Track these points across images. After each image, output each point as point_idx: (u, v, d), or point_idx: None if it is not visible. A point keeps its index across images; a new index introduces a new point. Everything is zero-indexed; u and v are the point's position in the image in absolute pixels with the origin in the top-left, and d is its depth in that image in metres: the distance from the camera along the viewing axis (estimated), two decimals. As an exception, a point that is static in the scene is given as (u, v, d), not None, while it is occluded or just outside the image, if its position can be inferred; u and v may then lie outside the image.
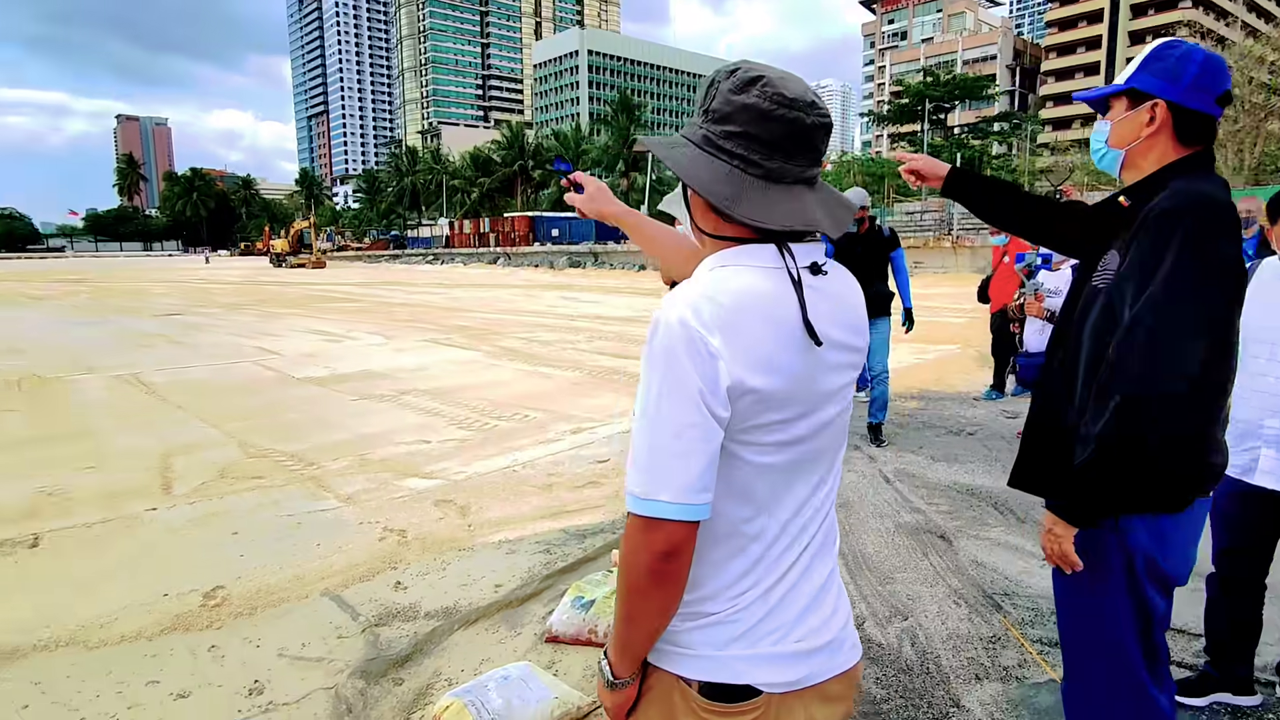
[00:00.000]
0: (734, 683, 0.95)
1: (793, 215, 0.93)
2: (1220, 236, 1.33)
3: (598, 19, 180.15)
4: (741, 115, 0.94)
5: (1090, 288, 1.48)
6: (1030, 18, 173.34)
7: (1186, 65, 1.44)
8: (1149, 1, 75.21)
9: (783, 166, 0.95)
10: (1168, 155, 1.47)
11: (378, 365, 8.94)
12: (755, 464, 0.93)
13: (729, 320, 0.88)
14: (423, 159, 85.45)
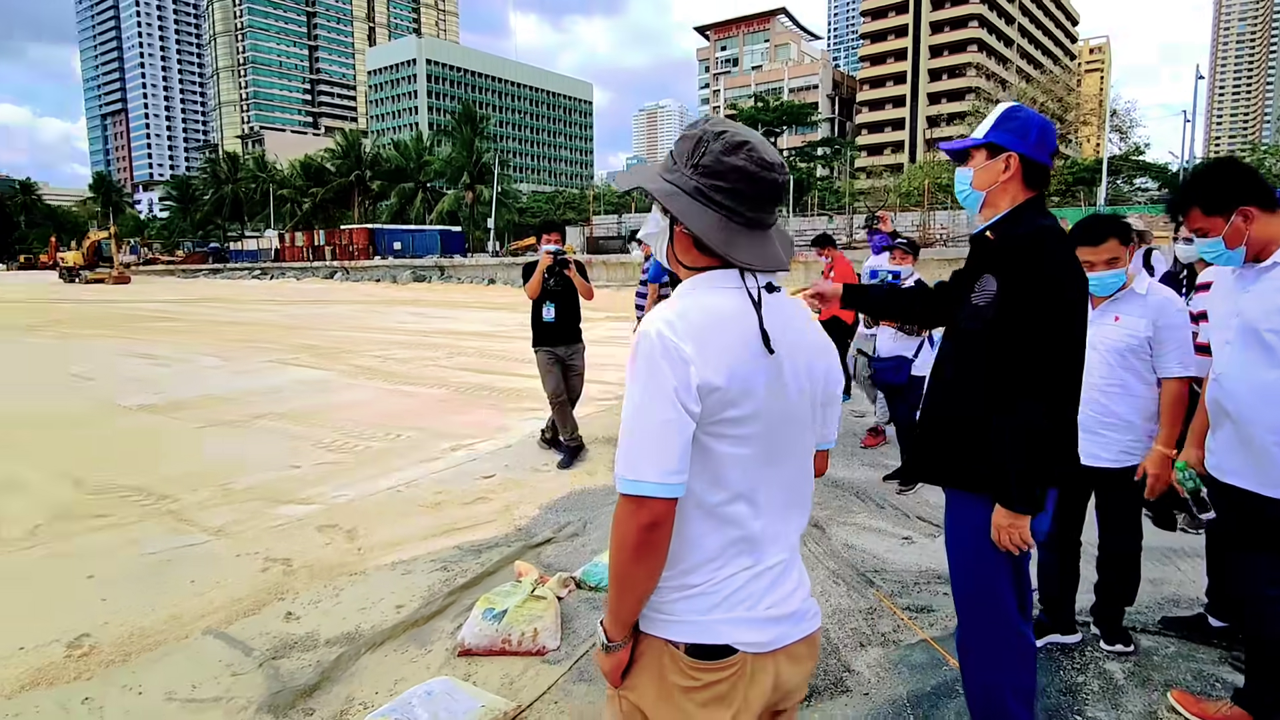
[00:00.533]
0: (715, 643, 1.14)
1: (769, 257, 1.17)
2: (1070, 256, 1.77)
3: (435, 28, 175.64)
4: (732, 175, 1.14)
5: (972, 305, 1.83)
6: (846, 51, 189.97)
7: (1030, 126, 1.83)
8: (945, 44, 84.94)
9: (759, 216, 1.18)
10: (1018, 197, 1.84)
11: (220, 389, 8.28)
12: (725, 454, 1.12)
13: (699, 332, 1.08)
14: (245, 166, 78.91)
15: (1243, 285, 2.13)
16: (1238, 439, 2.11)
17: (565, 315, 5.28)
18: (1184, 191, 2.14)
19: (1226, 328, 2.16)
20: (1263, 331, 2.02)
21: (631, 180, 1.22)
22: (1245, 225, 2.01)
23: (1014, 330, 1.72)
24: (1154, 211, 27.55)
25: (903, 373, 4.63)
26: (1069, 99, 43.28)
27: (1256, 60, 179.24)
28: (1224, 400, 2.14)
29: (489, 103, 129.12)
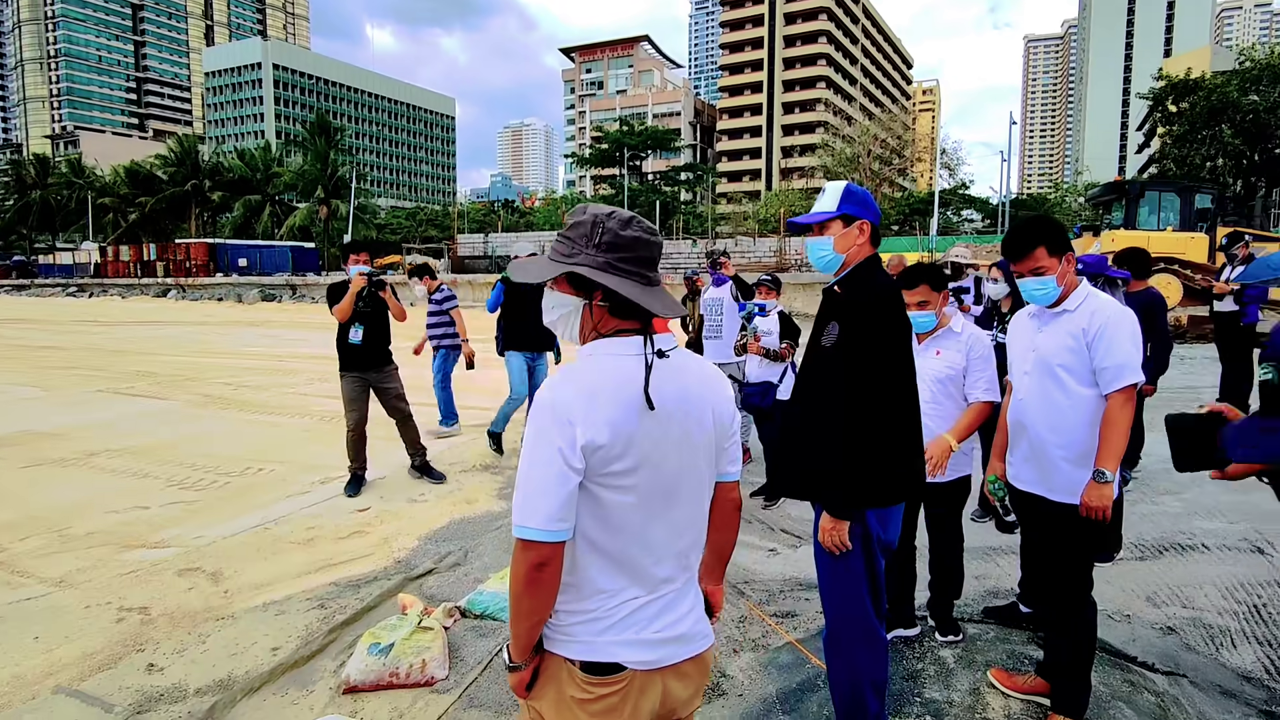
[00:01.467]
0: (606, 660, 1.33)
1: (670, 306, 1.38)
2: (901, 312, 2.16)
3: (283, 31, 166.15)
4: (632, 245, 1.35)
5: (821, 347, 2.16)
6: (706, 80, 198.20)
7: (868, 198, 2.25)
8: (796, 80, 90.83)
9: (652, 275, 1.39)
10: (863, 254, 2.21)
11: (42, 424, 7.47)
12: (612, 501, 1.30)
13: (588, 397, 1.26)
14: (57, 170, 70.60)
15: (1038, 325, 2.54)
16: (1031, 453, 2.53)
17: (374, 338, 5.21)
18: (1029, 233, 2.43)
19: (1025, 360, 2.56)
20: (1054, 366, 2.43)
21: (542, 272, 1.36)
22: (1069, 270, 2.43)
23: (853, 369, 2.06)
24: (980, 241, 30.84)
25: (769, 397, 5.00)
26: (906, 136, 47.61)
27: (1058, 109, 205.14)
28: (1023, 420, 2.56)
29: (344, 113, 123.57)
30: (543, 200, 78.97)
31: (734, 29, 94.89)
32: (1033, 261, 2.41)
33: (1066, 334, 2.42)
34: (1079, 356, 2.39)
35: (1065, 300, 2.45)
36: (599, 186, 74.55)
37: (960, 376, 2.90)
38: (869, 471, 2.07)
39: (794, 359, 5.19)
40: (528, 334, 6.07)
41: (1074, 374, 2.40)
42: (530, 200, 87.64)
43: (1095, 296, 2.45)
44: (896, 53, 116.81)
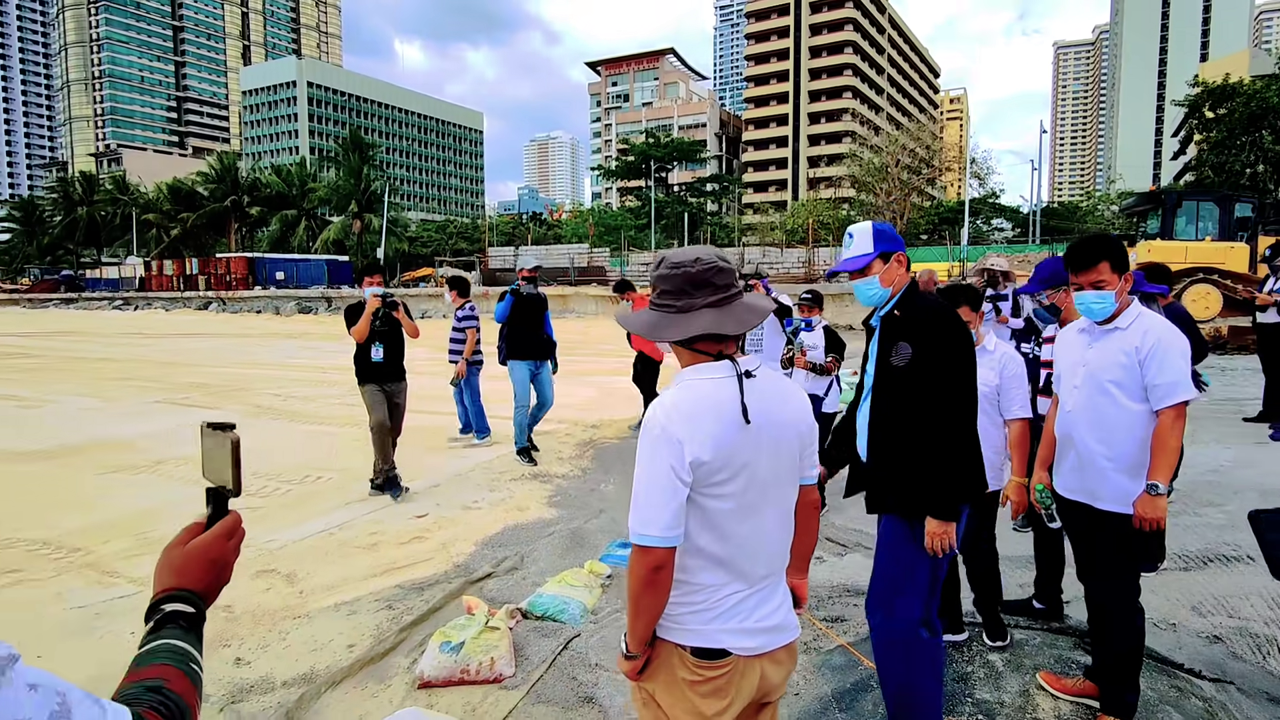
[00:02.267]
0: (713, 646, 1.51)
1: (690, 329, 1.50)
2: (961, 324, 2.35)
3: (317, 50, 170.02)
4: (659, 283, 1.57)
5: (894, 367, 2.35)
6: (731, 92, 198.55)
7: (893, 230, 2.47)
8: (823, 90, 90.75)
9: (689, 302, 1.53)
10: (905, 280, 2.43)
11: (107, 433, 7.83)
12: (715, 508, 1.49)
13: (690, 418, 1.44)
14: (103, 188, 72.95)
15: (1088, 340, 2.66)
16: (1079, 463, 2.65)
17: (392, 355, 5.55)
18: (1096, 247, 2.54)
19: (1074, 374, 2.68)
20: (1105, 381, 2.55)
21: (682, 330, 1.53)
22: (1125, 286, 2.53)
23: (931, 383, 2.26)
24: (1011, 250, 30.56)
25: (815, 409, 5.13)
26: (934, 145, 47.40)
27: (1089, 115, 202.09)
28: (1071, 432, 2.67)
29: (376, 128, 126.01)
30: (569, 213, 79.66)
31: (759, 40, 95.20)
32: (1096, 274, 2.51)
33: (1119, 351, 2.53)
34: (1130, 373, 2.50)
35: (1118, 318, 2.56)
36: (625, 199, 75.12)
37: (993, 394, 3.01)
38: (966, 473, 2.30)
39: (838, 375, 5.31)
40: (530, 344, 6.48)
41: (1125, 389, 2.51)
42: (558, 213, 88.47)
43: (1147, 316, 2.55)
44: (923, 61, 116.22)
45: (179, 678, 0.80)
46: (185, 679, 0.80)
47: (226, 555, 0.97)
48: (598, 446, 7.24)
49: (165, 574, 0.92)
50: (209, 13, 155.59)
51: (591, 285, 32.04)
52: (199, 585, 0.92)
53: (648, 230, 51.60)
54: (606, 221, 56.11)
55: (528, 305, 6.41)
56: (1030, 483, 2.96)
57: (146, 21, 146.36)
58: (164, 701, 0.76)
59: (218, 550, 0.96)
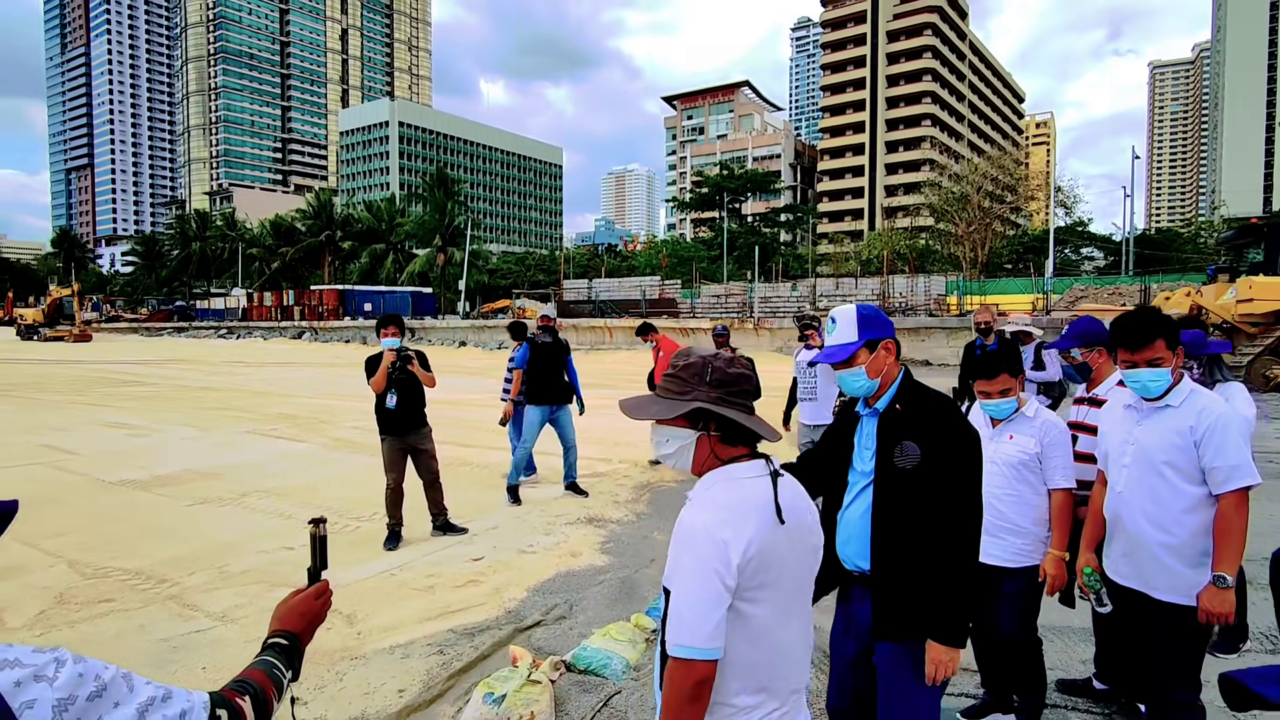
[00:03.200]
0: None
1: (768, 433, 1.56)
2: (965, 418, 2.18)
3: (409, 91, 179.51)
4: (737, 380, 1.56)
5: (899, 470, 2.10)
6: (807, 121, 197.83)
7: (881, 315, 2.27)
8: (900, 118, 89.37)
9: (750, 404, 1.59)
10: (895, 371, 2.22)
11: (202, 464, 8.40)
12: (752, 613, 1.43)
13: (732, 520, 1.41)
14: (214, 225, 78.74)
15: (1137, 418, 2.55)
16: (1130, 548, 2.54)
17: (408, 403, 5.64)
18: (1151, 324, 2.43)
19: (1123, 452, 2.56)
20: (1158, 462, 2.42)
21: (657, 412, 1.56)
22: (1178, 362, 2.44)
23: (940, 488, 2.05)
24: (1100, 283, 29.10)
25: None
26: (1017, 172, 45.84)
27: (1189, 138, 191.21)
28: (1121, 514, 2.56)
29: (460, 164, 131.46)
30: (644, 245, 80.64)
31: (835, 71, 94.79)
32: (1152, 352, 2.41)
33: (1171, 431, 2.42)
34: (1186, 454, 2.38)
35: (1169, 395, 2.46)
36: (699, 229, 75.56)
37: (1034, 461, 2.89)
38: (974, 590, 2.10)
39: None
40: (547, 389, 6.74)
41: (1181, 472, 2.40)
42: (632, 244, 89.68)
43: (1200, 393, 2.46)
44: (1006, 87, 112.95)
45: (262, 676, 1.17)
46: (267, 678, 1.18)
47: (315, 609, 1.38)
48: (655, 490, 7.28)
49: (274, 620, 1.33)
50: (313, 60, 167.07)
51: (662, 317, 32.30)
52: (295, 629, 1.32)
53: (720, 261, 51.68)
54: (679, 253, 56.54)
55: (546, 352, 6.73)
56: (1078, 565, 2.83)
57: (259, 70, 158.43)
58: (246, 688, 1.12)
59: (307, 606, 1.36)
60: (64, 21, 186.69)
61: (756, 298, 32.17)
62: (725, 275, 46.69)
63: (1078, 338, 3.46)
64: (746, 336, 29.01)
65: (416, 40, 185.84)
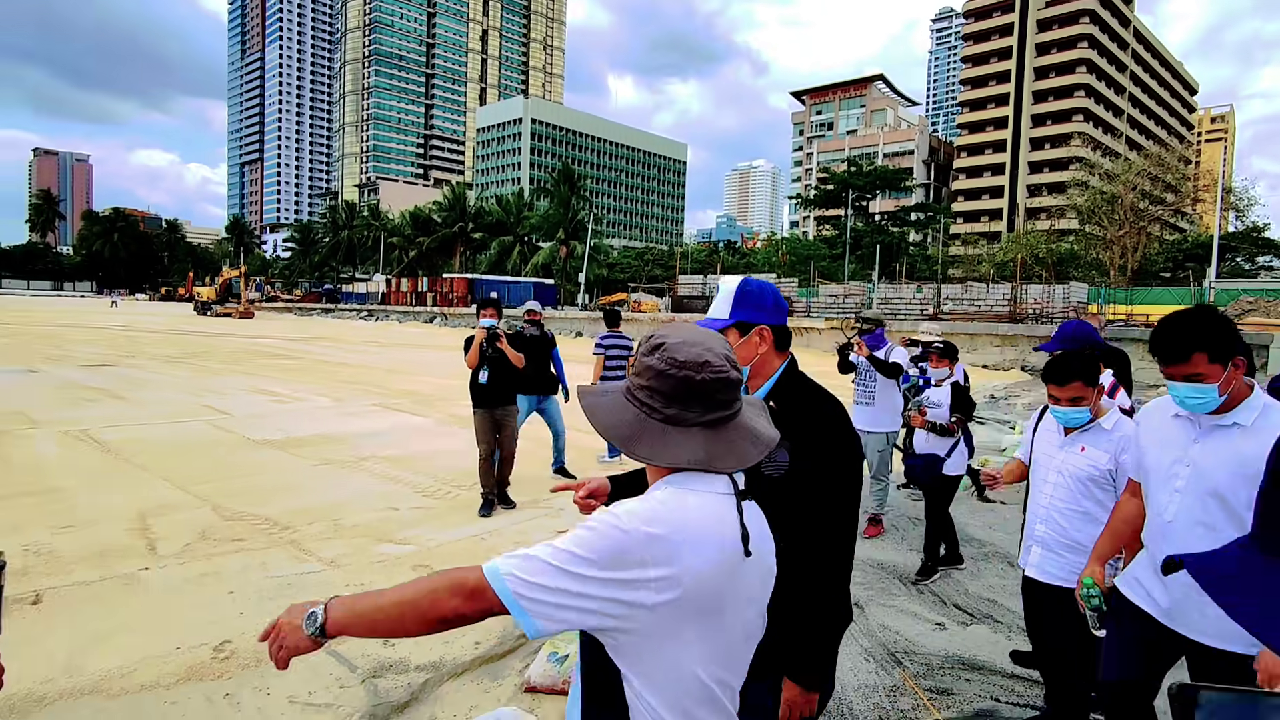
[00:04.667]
0: None
1: (675, 457, 1.16)
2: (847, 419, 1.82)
3: (542, 89, 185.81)
4: (647, 373, 1.20)
5: (764, 477, 1.67)
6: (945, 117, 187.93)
7: (767, 295, 1.89)
8: (1048, 113, 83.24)
9: (680, 414, 1.18)
10: (775, 364, 1.87)
11: (332, 429, 9.22)
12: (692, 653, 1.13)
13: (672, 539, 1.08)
14: (361, 215, 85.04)
15: (1194, 433, 2.11)
16: (1181, 589, 2.10)
17: (497, 379, 5.99)
18: (1189, 337, 2.01)
19: (1173, 474, 2.13)
20: (1221, 493, 2.00)
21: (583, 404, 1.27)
22: (1235, 375, 2.00)
23: (812, 500, 1.69)
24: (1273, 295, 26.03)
25: (934, 470, 4.74)
26: (1181, 171, 41.50)
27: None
28: (1168, 549, 2.13)
29: (587, 160, 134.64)
30: (764, 242, 79.60)
31: (977, 63, 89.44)
32: (1189, 368, 2.02)
33: (1238, 457, 1.99)
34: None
35: (1234, 410, 2.05)
36: (822, 227, 73.68)
37: (1105, 477, 2.67)
38: (840, 626, 1.79)
39: (967, 433, 4.95)
40: (535, 380, 6.86)
41: (1250, 508, 1.96)
42: (752, 241, 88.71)
43: (1276, 410, 2.05)
44: (1176, 78, 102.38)
45: None
46: None
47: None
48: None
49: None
50: (456, 60, 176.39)
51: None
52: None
53: (842, 260, 50.22)
54: (799, 251, 55.45)
55: (532, 345, 6.84)
56: (1080, 574, 2.50)
57: (406, 71, 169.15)
58: None
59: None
60: (244, 30, 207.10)
61: (876, 298, 31.06)
62: (846, 275, 45.34)
63: (1064, 341, 3.28)
64: (863, 338, 28.08)
65: (551, 39, 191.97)
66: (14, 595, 4.02)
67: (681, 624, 1.08)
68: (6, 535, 4.93)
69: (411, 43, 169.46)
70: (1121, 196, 36.43)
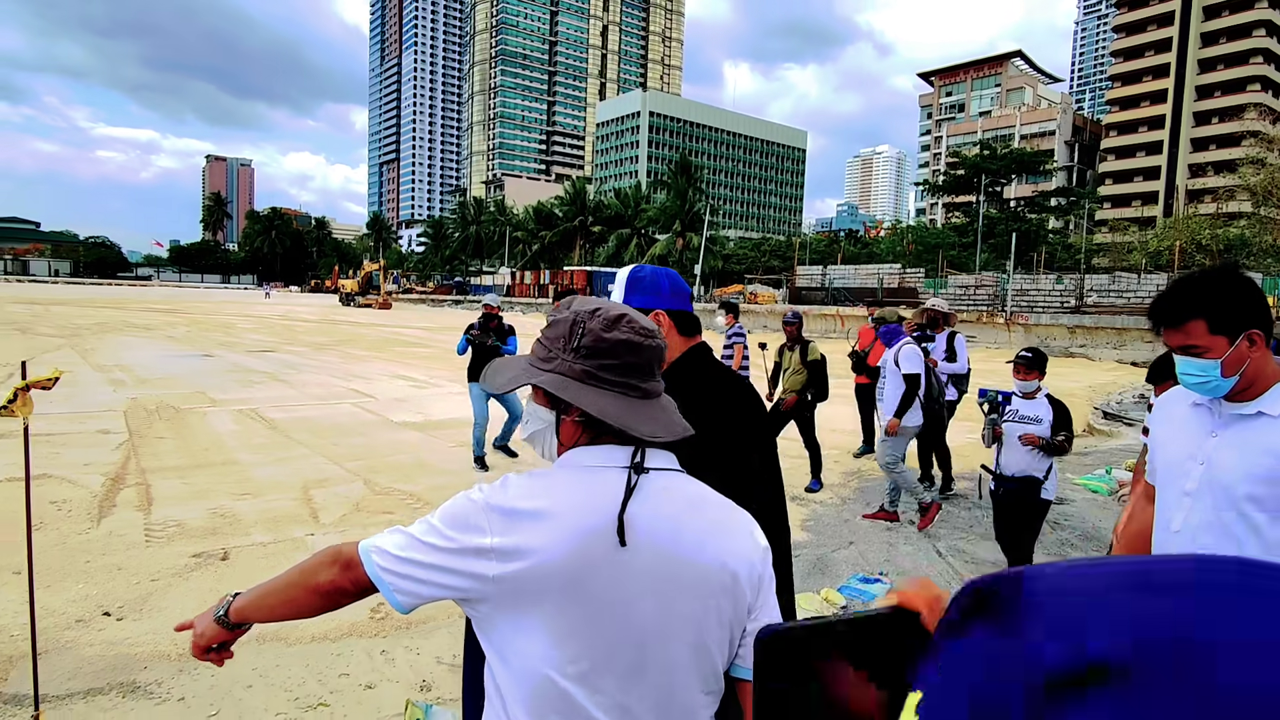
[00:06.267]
0: None
1: (671, 425, 1.11)
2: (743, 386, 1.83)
3: (660, 81, 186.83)
4: (616, 350, 1.09)
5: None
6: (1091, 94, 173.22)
7: (659, 282, 1.83)
8: (1216, 84, 74.97)
9: (653, 385, 1.13)
10: (680, 348, 1.81)
11: (466, 415, 9.78)
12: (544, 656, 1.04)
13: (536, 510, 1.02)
14: (488, 210, 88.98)
15: (1211, 423, 1.76)
16: None
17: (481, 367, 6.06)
18: (1186, 300, 1.68)
19: (1185, 473, 1.77)
20: (1239, 496, 1.65)
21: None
22: (1250, 352, 1.64)
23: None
24: None
25: (1031, 497, 4.20)
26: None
27: None
28: None
29: (704, 151, 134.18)
30: (887, 230, 76.52)
31: (1131, 32, 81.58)
32: (1184, 337, 1.68)
33: (1265, 451, 1.63)
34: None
35: (1262, 398, 1.68)
36: (951, 215, 69.89)
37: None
38: None
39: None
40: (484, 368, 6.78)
41: (1276, 517, 1.63)
42: (875, 230, 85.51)
43: None
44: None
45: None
46: None
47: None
48: (864, 478, 7.17)
49: None
50: (577, 57, 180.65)
51: (901, 306, 30.56)
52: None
53: (973, 250, 47.49)
54: (926, 240, 52.88)
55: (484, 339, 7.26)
56: None
57: (529, 69, 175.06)
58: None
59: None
60: (384, 39, 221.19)
61: (1010, 289, 29.20)
62: (978, 265, 42.85)
63: None
64: (997, 332, 26.56)
65: (670, 32, 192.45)
66: (208, 550, 4.62)
67: (525, 608, 0.99)
68: (198, 499, 5.64)
69: (535, 41, 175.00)
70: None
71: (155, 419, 8.61)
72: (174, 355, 15.83)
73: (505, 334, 7.42)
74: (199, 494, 5.78)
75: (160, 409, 9.19)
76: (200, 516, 5.25)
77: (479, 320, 7.45)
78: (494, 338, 7.29)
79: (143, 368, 13.32)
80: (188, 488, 5.95)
